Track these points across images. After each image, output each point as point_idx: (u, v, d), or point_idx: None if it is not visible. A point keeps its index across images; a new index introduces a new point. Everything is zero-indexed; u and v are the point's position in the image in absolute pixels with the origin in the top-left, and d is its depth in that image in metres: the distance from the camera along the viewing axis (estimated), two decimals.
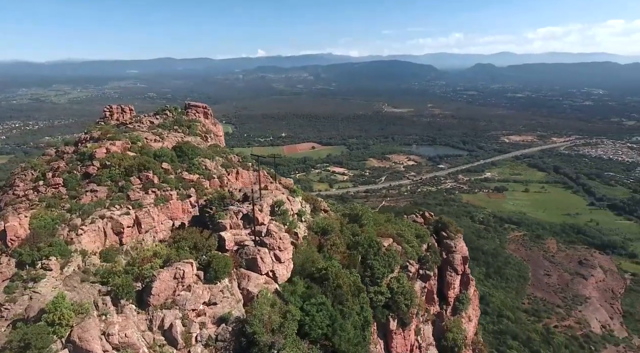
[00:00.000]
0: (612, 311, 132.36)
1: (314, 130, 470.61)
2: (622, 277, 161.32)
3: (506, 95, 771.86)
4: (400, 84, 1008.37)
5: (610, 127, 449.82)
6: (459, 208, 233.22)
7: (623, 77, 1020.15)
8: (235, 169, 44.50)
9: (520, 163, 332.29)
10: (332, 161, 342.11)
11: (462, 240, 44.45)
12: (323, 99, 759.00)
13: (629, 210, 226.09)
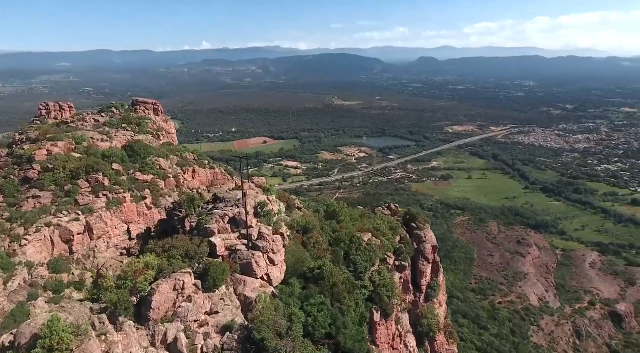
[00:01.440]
0: (547, 285, 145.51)
1: (265, 124, 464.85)
2: (554, 253, 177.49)
3: (448, 87, 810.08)
4: (348, 77, 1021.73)
5: (540, 116, 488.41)
6: (409, 197, 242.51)
7: (550, 70, 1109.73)
8: (191, 167, 43.18)
9: (463, 152, 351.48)
10: (285, 155, 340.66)
11: (431, 230, 46.81)
12: (273, 92, 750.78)
13: (558, 192, 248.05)
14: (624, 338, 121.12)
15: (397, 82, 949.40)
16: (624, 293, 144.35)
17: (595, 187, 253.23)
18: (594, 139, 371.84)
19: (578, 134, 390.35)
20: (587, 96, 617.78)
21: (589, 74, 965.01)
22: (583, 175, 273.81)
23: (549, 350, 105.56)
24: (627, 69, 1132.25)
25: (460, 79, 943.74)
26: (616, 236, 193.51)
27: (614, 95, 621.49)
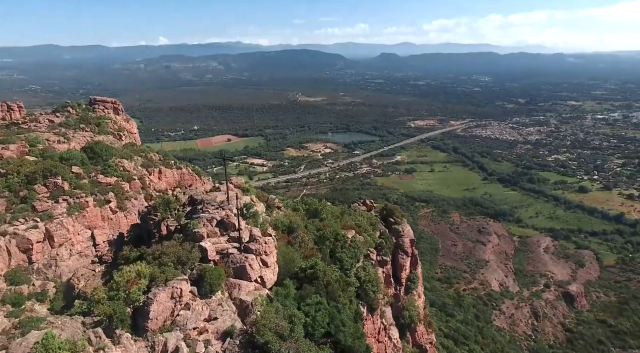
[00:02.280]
0: (507, 270, 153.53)
1: (228, 122, 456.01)
2: (512, 240, 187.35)
3: (409, 83, 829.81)
4: (312, 73, 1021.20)
5: (495, 110, 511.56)
6: (375, 191, 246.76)
7: (503, 65, 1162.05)
8: (157, 168, 41.62)
9: (425, 146, 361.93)
10: (250, 153, 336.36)
11: (407, 224, 47.94)
12: (235, 89, 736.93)
13: (514, 182, 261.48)
14: (575, 316, 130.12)
15: (360, 77, 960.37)
16: (574, 275, 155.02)
17: (546, 176, 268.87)
18: (544, 131, 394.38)
19: (530, 127, 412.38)
20: (537, 90, 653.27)
21: (538, 69, 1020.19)
22: (535, 166, 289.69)
23: (510, 332, 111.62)
24: (572, 64, 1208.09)
25: (421, 75, 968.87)
26: (566, 222, 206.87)
27: (560, 90, 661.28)
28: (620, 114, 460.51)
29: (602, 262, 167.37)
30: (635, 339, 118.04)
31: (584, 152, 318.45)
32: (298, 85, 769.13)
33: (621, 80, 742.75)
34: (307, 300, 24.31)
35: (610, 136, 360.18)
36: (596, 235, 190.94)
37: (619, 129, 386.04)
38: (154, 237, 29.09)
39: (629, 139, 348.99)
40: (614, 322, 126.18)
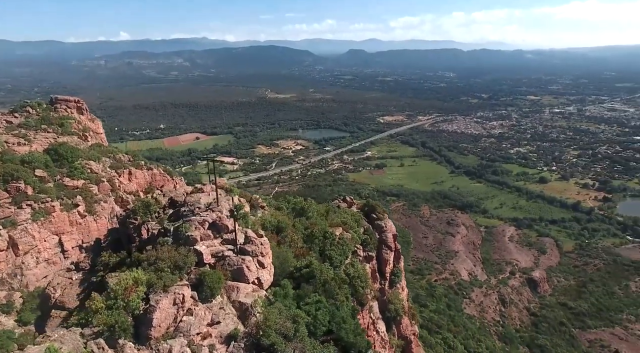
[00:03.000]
0: (475, 260, 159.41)
1: (196, 119, 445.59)
2: (479, 230, 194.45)
3: (378, 79, 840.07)
4: (280, 70, 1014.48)
5: (460, 105, 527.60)
6: (347, 186, 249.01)
7: (466, 61, 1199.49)
8: (127, 169, 40.15)
9: (394, 141, 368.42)
10: (220, 151, 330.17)
11: (389, 219, 48.73)
12: (203, 86, 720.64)
13: (479, 175, 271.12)
14: (539, 301, 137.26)
15: (329, 74, 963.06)
16: (537, 262, 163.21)
17: (509, 168, 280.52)
18: (507, 124, 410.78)
19: (493, 121, 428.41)
20: (499, 86, 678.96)
21: (499, 65, 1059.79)
22: (499, 158, 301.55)
23: (480, 319, 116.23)
24: (530, 60, 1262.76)
25: (389, 71, 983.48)
26: (528, 211, 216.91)
27: (520, 85, 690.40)
28: (574, 107, 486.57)
29: (562, 248, 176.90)
30: (593, 319, 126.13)
31: (543, 144, 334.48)
32: (267, 81, 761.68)
33: (575, 76, 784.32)
34: (306, 299, 24.32)
35: (566, 129, 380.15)
36: (556, 223, 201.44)
37: (574, 122, 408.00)
38: (134, 241, 28.10)
39: (583, 131, 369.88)
40: (574, 304, 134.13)
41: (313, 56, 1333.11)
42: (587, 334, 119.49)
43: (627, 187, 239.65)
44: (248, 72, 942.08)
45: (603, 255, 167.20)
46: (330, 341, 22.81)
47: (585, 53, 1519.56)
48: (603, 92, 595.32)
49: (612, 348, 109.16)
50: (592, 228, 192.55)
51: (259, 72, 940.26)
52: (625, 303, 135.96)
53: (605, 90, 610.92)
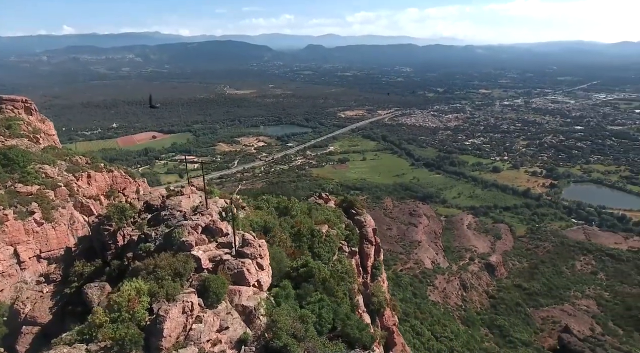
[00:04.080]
0: (437, 248, 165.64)
1: (151, 118, 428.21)
2: (439, 220, 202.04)
3: (337, 74, 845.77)
4: (238, 65, 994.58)
5: (417, 99, 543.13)
6: (311, 182, 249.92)
7: (421, 56, 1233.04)
8: (85, 172, 37.92)
9: (356, 135, 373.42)
10: (179, 150, 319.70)
11: (367, 214, 49.28)
12: (157, 83, 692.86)
13: (438, 166, 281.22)
14: (496, 284, 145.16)
15: (288, 69, 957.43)
16: (493, 247, 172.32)
17: (465, 159, 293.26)
18: (461, 117, 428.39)
19: (449, 114, 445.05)
20: (453, 80, 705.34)
21: (452, 60, 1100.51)
22: (456, 150, 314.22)
23: (444, 304, 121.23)
24: (481, 55, 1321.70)
25: (347, 66, 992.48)
26: (484, 199, 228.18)
27: (472, 79, 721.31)
28: (522, 100, 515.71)
29: (515, 233, 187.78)
30: (545, 298, 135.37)
31: (495, 135, 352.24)
32: (225, 77, 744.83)
33: (521, 70, 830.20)
34: (308, 298, 24.27)
35: (515, 120, 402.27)
36: (509, 210, 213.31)
37: (522, 114, 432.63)
38: (109, 248, 26.63)
39: (531, 122, 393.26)
40: (527, 285, 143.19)
41: (272, 51, 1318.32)
42: (540, 312, 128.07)
43: (570, 174, 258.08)
44: (205, 67, 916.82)
45: (551, 237, 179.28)
46: (339, 338, 22.98)
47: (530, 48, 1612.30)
48: (547, 85, 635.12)
49: (562, 324, 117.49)
50: (541, 213, 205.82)
51: (217, 67, 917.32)
52: (572, 281, 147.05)
53: (549, 83, 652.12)
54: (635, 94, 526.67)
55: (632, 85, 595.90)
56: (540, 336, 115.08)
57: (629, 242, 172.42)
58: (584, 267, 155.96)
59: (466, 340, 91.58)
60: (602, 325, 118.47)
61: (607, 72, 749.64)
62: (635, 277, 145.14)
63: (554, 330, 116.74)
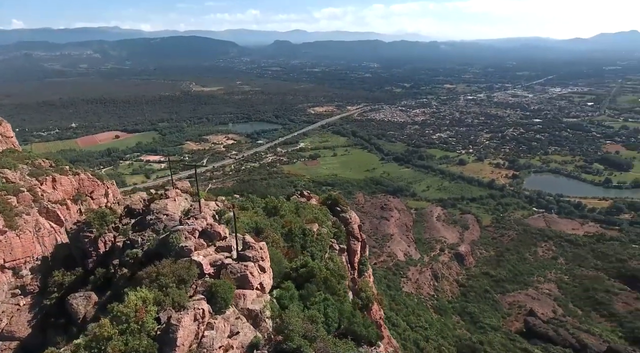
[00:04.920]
0: (408, 240, 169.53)
1: (113, 116, 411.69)
2: (410, 212, 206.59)
3: (305, 70, 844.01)
4: (204, 61, 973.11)
5: (385, 94, 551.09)
6: (282, 179, 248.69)
7: (388, 52, 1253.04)
8: (49, 176, 35.92)
9: (326, 131, 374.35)
10: (144, 149, 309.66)
11: (352, 210, 49.38)
12: (118, 80, 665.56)
13: (407, 160, 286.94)
14: (466, 273, 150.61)
15: (256, 65, 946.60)
16: (462, 237, 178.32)
17: (433, 152, 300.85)
18: (428, 112, 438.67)
19: (416, 109, 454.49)
20: (419, 75, 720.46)
21: (417, 55, 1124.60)
22: (423, 144, 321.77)
23: (417, 295, 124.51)
24: (445, 51, 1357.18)
25: (315, 62, 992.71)
26: (451, 191, 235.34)
27: (437, 74, 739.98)
28: (484, 94, 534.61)
29: (481, 223, 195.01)
30: (511, 284, 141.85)
31: (461, 129, 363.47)
32: (190, 74, 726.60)
33: (483, 65, 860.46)
34: (312, 298, 24.15)
35: (479, 114, 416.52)
36: (475, 201, 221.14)
37: (485, 108, 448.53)
38: (90, 256, 25.27)
39: (493, 116, 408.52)
40: (495, 272, 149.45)
41: (238, 47, 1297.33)
42: (506, 297, 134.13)
43: (531, 164, 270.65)
44: (169, 64, 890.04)
45: (515, 226, 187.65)
46: (344, 336, 23.00)
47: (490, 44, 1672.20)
48: (507, 79, 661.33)
49: (527, 308, 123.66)
50: (505, 203, 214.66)
51: (181, 64, 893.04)
52: (535, 266, 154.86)
53: (509, 78, 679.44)
54: (587, 87, 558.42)
55: (584, 79, 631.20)
56: (507, 320, 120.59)
57: (585, 228, 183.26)
58: (545, 253, 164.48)
59: (440, 328, 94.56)
60: (563, 307, 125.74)
61: (561, 67, 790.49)
62: (592, 260, 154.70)
63: (520, 314, 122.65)
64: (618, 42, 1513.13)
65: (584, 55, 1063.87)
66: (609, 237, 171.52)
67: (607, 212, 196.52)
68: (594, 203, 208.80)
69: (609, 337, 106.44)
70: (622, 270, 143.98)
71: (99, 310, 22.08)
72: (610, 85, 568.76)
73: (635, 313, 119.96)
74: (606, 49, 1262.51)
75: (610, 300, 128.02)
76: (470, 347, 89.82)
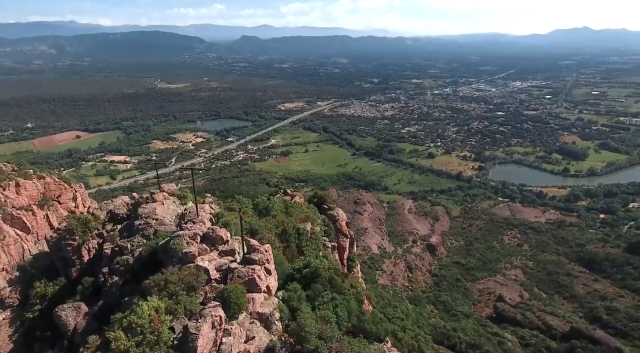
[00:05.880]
0: (382, 234, 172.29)
1: (74, 116, 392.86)
2: (382, 206, 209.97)
3: (274, 66, 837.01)
4: (169, 58, 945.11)
5: (355, 90, 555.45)
6: (254, 176, 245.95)
7: (356, 48, 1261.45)
8: (12, 180, 33.93)
9: (297, 127, 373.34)
10: (108, 149, 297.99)
11: (339, 208, 49.25)
12: (77, 77, 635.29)
13: (378, 155, 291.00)
14: (438, 263, 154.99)
15: (223, 61, 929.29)
16: (433, 228, 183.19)
17: (403, 147, 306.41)
18: (397, 106, 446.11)
19: (385, 104, 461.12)
20: (387, 71, 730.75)
21: (384, 51, 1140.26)
22: (393, 138, 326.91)
23: (392, 287, 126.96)
24: (411, 47, 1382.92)
25: (284, 57, 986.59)
26: (422, 184, 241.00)
27: (405, 69, 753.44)
28: (450, 89, 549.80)
29: (451, 214, 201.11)
30: (480, 271, 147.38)
31: (429, 123, 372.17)
32: (155, 70, 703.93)
33: (448, 60, 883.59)
34: (319, 298, 24.01)
35: (445, 108, 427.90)
36: (444, 193, 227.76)
37: (451, 102, 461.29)
38: (73, 265, 23.91)
39: (459, 109, 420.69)
40: (464, 261, 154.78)
41: (204, 43, 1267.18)
42: (477, 285, 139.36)
43: (495, 156, 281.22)
44: (131, 60, 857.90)
45: (482, 216, 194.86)
46: (353, 334, 23.02)
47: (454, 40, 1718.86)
48: (471, 74, 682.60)
49: (496, 294, 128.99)
50: (472, 193, 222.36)
51: (145, 60, 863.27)
52: (502, 254, 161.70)
53: (473, 72, 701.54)
54: (545, 81, 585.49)
55: (542, 73, 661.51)
56: (478, 306, 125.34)
57: (546, 215, 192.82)
58: (511, 241, 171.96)
59: (416, 318, 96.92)
60: (529, 291, 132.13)
61: (520, 61, 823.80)
62: (553, 245, 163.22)
63: (489, 300, 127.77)
64: (571, 37, 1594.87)
65: (541, 50, 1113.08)
66: (568, 223, 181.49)
67: (566, 200, 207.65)
68: (554, 191, 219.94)
69: (571, 317, 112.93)
70: (580, 253, 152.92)
71: (91, 321, 21.32)
72: (566, 78, 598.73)
73: (593, 294, 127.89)
74: (561, 44, 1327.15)
75: (571, 282, 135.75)
76: (445, 335, 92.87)
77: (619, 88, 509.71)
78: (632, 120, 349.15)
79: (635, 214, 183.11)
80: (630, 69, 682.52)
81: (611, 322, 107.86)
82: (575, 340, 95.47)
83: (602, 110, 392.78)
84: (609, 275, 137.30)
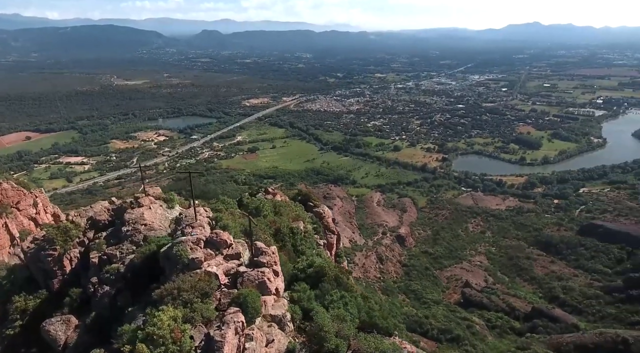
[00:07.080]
0: (352, 227, 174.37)
1: (22, 115, 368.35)
2: (352, 200, 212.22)
3: (236, 61, 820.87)
4: (125, 53, 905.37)
5: (320, 84, 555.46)
6: (221, 174, 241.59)
7: (319, 43, 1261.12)
8: None
9: (263, 123, 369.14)
10: (63, 150, 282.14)
11: (324, 205, 48.95)
12: (24, 74, 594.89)
13: (345, 149, 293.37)
14: (407, 253, 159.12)
15: (183, 57, 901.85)
16: (401, 220, 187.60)
17: (369, 140, 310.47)
18: (362, 101, 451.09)
19: (350, 98, 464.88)
20: (350, 65, 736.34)
21: (348, 46, 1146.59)
22: (359, 132, 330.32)
23: (365, 279, 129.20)
24: (373, 41, 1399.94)
25: (247, 52, 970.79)
26: (389, 177, 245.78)
27: (368, 64, 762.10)
28: (413, 83, 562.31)
29: (418, 205, 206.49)
30: (448, 260, 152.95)
31: (393, 116, 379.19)
32: (110, 67, 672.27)
33: (409, 55, 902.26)
34: (328, 297, 23.92)
35: (409, 102, 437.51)
36: (411, 185, 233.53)
37: (414, 95, 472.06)
38: (54, 276, 22.22)
39: (422, 103, 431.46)
40: (432, 250, 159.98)
41: (163, 37, 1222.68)
42: (444, 272, 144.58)
43: (457, 148, 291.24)
44: (84, 56, 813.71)
45: (447, 205, 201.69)
46: (372, 330, 23.11)
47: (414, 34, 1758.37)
48: (432, 68, 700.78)
49: (463, 280, 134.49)
50: (437, 184, 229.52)
51: (99, 56, 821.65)
52: (467, 241, 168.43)
53: (433, 66, 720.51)
54: (501, 74, 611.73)
55: (497, 67, 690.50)
56: (447, 293, 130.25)
57: (506, 203, 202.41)
58: (475, 228, 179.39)
59: (389, 309, 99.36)
60: (493, 276, 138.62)
61: (478, 55, 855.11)
62: (513, 231, 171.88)
63: (457, 286, 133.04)
64: (524, 32, 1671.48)
65: (496, 44, 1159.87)
66: (526, 210, 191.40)
67: (524, 187, 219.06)
68: (512, 180, 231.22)
69: (532, 298, 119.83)
70: (538, 237, 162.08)
71: (82, 334, 20.27)
72: (520, 72, 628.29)
73: (550, 275, 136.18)
74: (515, 38, 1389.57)
75: (531, 265, 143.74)
76: (417, 322, 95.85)
77: (567, 80, 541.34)
78: (580, 111, 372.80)
79: (585, 198, 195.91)
80: (577, 62, 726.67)
81: (567, 301, 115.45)
82: (536, 319, 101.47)
83: (553, 102, 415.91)
84: (564, 256, 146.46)
